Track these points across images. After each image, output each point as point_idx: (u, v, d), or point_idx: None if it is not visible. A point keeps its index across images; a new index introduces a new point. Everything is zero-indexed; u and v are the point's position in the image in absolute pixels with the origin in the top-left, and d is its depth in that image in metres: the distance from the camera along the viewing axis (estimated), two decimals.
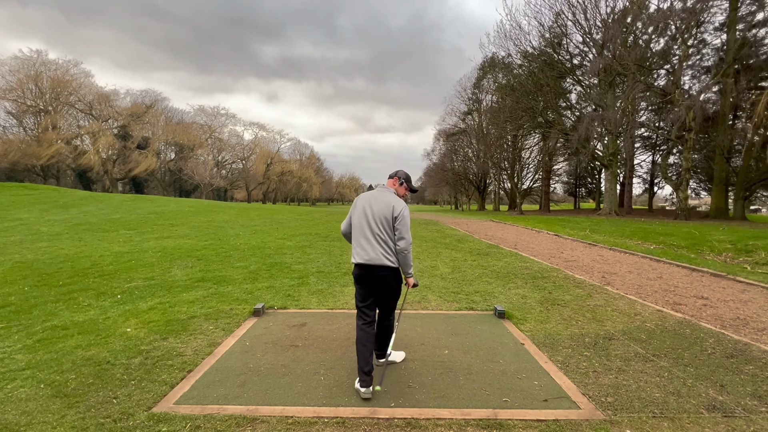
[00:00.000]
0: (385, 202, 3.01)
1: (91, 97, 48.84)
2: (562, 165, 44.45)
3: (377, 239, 2.94)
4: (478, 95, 46.34)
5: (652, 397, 2.83)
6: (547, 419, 2.52)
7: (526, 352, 3.65)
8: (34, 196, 20.80)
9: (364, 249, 2.95)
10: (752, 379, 3.13)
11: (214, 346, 3.76)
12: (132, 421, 2.47)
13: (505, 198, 48.74)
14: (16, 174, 42.04)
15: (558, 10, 29.10)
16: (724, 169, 23.95)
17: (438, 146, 58.89)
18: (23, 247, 9.25)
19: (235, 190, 70.08)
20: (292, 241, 10.72)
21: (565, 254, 9.99)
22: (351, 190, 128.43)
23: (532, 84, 32.56)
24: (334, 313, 4.80)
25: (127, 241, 10.22)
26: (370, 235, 2.95)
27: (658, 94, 25.24)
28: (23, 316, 4.69)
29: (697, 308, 5.27)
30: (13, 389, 2.90)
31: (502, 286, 6.26)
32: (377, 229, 2.94)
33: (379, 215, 2.96)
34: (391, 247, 2.96)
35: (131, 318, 4.57)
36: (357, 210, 3.07)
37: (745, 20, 22.67)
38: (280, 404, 2.70)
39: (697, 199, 42.80)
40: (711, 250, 10.10)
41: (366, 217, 3.00)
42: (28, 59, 43.24)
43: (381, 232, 2.94)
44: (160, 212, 17.19)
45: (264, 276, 6.73)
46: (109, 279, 6.43)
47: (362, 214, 3.02)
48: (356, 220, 3.05)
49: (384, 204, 3.00)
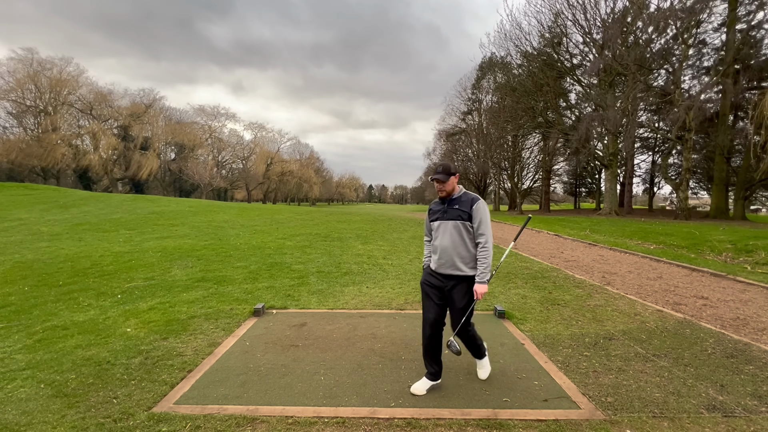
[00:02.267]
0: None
1: (92, 97, 48.85)
2: (562, 165, 44.47)
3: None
4: (478, 95, 46.36)
5: (652, 397, 2.83)
6: (547, 419, 2.52)
7: (526, 352, 3.65)
8: (34, 196, 20.80)
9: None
10: (752, 379, 3.13)
11: (214, 346, 3.76)
12: (132, 421, 2.47)
13: (505, 198, 48.74)
14: (16, 174, 42.04)
15: (558, 10, 29.09)
16: (724, 169, 23.94)
17: (438, 146, 58.94)
18: (23, 247, 9.25)
19: (235, 190, 70.05)
20: (292, 241, 10.72)
21: (565, 254, 9.99)
22: (351, 190, 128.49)
23: (532, 84, 32.56)
24: (334, 313, 4.80)
25: (127, 241, 10.21)
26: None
27: (658, 94, 25.23)
28: (23, 316, 4.69)
29: (697, 308, 5.27)
30: (13, 389, 2.90)
31: (502, 286, 6.26)
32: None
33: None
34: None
35: (131, 318, 4.57)
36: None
37: (744, 20, 22.68)
38: (280, 404, 2.70)
39: (697, 199, 42.79)
40: (711, 250, 10.10)
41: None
42: (24, 59, 43.26)
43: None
44: (160, 212, 17.19)
45: (264, 276, 6.72)
46: (109, 279, 6.43)
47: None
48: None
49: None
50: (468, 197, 2.86)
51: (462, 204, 2.84)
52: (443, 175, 2.81)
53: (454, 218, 2.83)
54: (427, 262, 3.06)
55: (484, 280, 2.75)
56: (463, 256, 2.81)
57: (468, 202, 2.83)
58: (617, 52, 23.67)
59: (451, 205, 2.88)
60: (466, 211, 2.81)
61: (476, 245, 2.82)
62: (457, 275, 2.83)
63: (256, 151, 68.42)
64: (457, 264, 2.81)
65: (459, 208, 2.83)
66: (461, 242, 2.81)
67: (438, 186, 2.87)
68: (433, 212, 3.00)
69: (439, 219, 2.91)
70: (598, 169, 40.33)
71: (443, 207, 2.91)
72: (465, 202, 2.84)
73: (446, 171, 2.82)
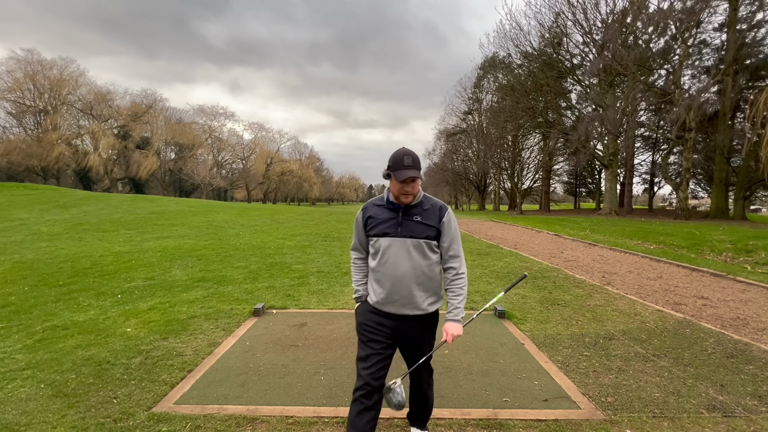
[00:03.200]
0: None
1: (91, 97, 48.88)
2: (562, 165, 44.52)
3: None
4: (478, 95, 46.46)
5: (652, 397, 2.83)
6: (547, 419, 2.52)
7: (526, 352, 3.65)
8: (34, 196, 20.80)
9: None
10: (752, 379, 3.13)
11: (214, 346, 3.76)
12: (132, 421, 2.47)
13: (505, 198, 48.79)
14: (16, 174, 42.05)
15: (558, 10, 29.13)
16: (724, 169, 23.95)
17: (438, 146, 59.02)
18: (23, 247, 9.25)
19: (235, 190, 70.08)
20: (292, 241, 10.71)
21: (565, 254, 9.99)
22: (351, 190, 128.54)
23: (532, 84, 32.61)
24: (334, 313, 4.80)
25: (127, 241, 10.21)
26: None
27: (658, 94, 25.25)
28: (23, 316, 4.69)
29: (697, 308, 5.27)
30: (13, 389, 2.90)
31: (502, 286, 6.26)
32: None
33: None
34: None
35: (131, 318, 4.57)
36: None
37: (744, 20, 22.69)
38: (280, 404, 2.70)
39: (697, 199, 42.80)
40: (711, 250, 10.10)
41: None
42: (24, 59, 43.31)
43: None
44: (160, 212, 17.18)
45: (264, 276, 6.72)
46: (109, 279, 6.43)
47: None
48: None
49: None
50: (433, 205, 2.02)
51: (426, 215, 1.97)
52: (416, 170, 1.90)
53: (415, 235, 1.94)
54: (363, 292, 2.13)
55: (458, 318, 2.00)
56: (427, 288, 1.99)
57: (434, 211, 1.99)
58: (617, 52, 23.68)
59: (409, 215, 1.96)
60: (432, 226, 1.96)
61: (445, 271, 2.06)
62: (416, 315, 1.99)
63: (255, 151, 68.46)
64: (416, 301, 1.96)
65: (422, 221, 1.96)
66: (425, 269, 1.97)
67: (404, 189, 1.90)
68: (376, 221, 2.00)
69: (391, 235, 1.95)
70: (598, 169, 40.36)
71: (396, 217, 1.97)
72: (430, 211, 1.98)
73: (417, 163, 1.91)
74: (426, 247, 1.96)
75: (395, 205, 1.99)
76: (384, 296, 1.99)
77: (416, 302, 1.97)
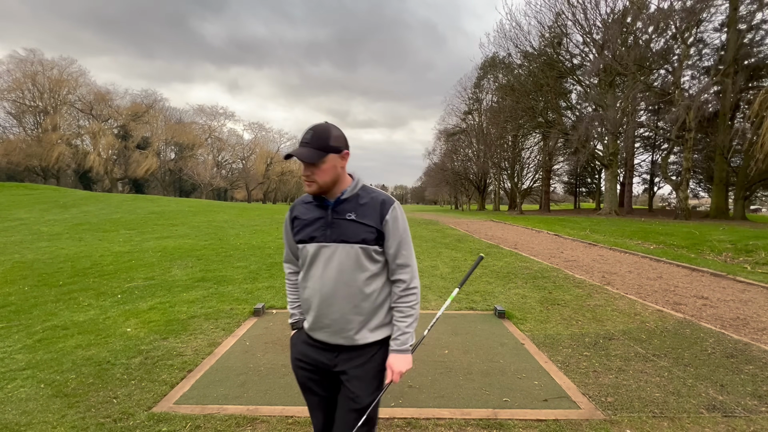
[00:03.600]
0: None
1: (91, 97, 48.92)
2: (562, 165, 44.52)
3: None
4: (478, 95, 46.45)
5: (652, 396, 2.83)
6: (547, 419, 2.52)
7: (526, 352, 3.65)
8: (34, 196, 20.80)
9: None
10: (752, 379, 3.13)
11: (214, 345, 3.76)
12: (132, 421, 2.47)
13: (505, 198, 48.77)
14: (16, 174, 42.08)
15: (558, 10, 29.13)
16: (724, 169, 23.95)
17: (438, 146, 58.99)
18: (23, 247, 9.25)
19: (235, 190, 70.08)
20: None
21: (565, 254, 9.99)
22: None
23: (532, 84, 32.60)
24: None
25: (127, 241, 10.21)
26: None
27: (658, 94, 25.25)
28: (23, 316, 4.69)
29: (697, 308, 5.27)
30: (13, 389, 2.90)
31: (502, 285, 6.26)
32: None
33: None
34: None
35: (131, 318, 4.57)
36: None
37: (745, 20, 22.69)
38: (280, 404, 2.70)
39: (697, 199, 42.81)
40: (711, 250, 10.10)
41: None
42: (24, 59, 43.35)
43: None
44: (160, 212, 17.19)
45: (264, 276, 6.72)
46: (109, 279, 6.43)
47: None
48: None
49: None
50: (373, 198, 1.50)
51: (362, 211, 1.47)
52: (312, 149, 1.38)
53: (348, 239, 1.45)
54: (299, 317, 1.66)
55: (406, 348, 1.50)
56: (363, 309, 1.48)
57: (374, 207, 1.48)
58: (617, 52, 23.68)
59: (340, 212, 1.48)
60: (370, 226, 1.46)
61: (391, 284, 1.55)
62: (352, 346, 1.50)
63: (255, 151, 68.46)
64: (351, 326, 1.47)
65: (357, 220, 1.46)
66: (361, 285, 1.47)
67: (304, 172, 1.43)
68: (302, 222, 1.53)
69: (318, 240, 1.48)
70: (598, 169, 40.36)
71: (325, 215, 1.49)
72: (368, 207, 1.48)
73: (321, 140, 1.39)
74: (363, 254, 1.45)
75: (325, 201, 1.50)
76: (312, 321, 1.53)
77: (349, 329, 1.47)
